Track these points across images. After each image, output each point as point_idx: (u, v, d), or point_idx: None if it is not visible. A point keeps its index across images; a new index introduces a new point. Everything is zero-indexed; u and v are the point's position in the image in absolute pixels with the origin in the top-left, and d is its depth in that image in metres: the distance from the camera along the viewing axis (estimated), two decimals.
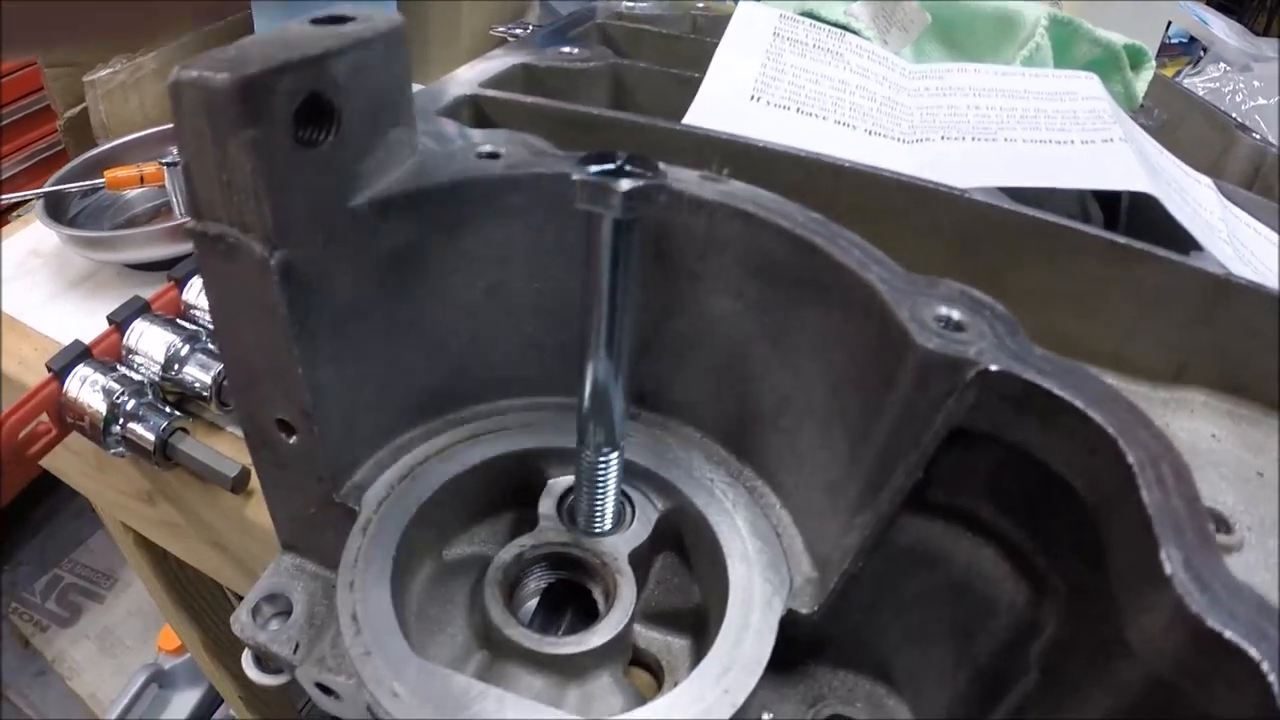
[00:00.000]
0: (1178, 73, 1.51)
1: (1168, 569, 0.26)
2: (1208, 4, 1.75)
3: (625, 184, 0.30)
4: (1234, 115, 1.22)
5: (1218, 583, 0.27)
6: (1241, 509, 0.43)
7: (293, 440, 0.41)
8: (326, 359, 0.38)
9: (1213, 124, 0.90)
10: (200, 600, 1.27)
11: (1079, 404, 0.32)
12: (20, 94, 1.95)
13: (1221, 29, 1.56)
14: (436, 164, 0.40)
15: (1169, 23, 1.52)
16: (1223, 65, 1.49)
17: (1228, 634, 0.25)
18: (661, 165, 0.33)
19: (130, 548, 1.14)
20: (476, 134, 0.43)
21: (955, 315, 0.33)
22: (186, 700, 1.87)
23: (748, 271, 0.39)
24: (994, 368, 0.31)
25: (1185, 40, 1.73)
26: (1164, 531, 0.28)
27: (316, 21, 0.37)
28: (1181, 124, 0.90)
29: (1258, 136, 0.86)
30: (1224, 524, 0.42)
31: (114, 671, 2.15)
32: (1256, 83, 1.42)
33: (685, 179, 0.40)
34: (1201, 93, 1.37)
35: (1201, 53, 1.61)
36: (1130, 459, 0.30)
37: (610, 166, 0.31)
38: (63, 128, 1.25)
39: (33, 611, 2.31)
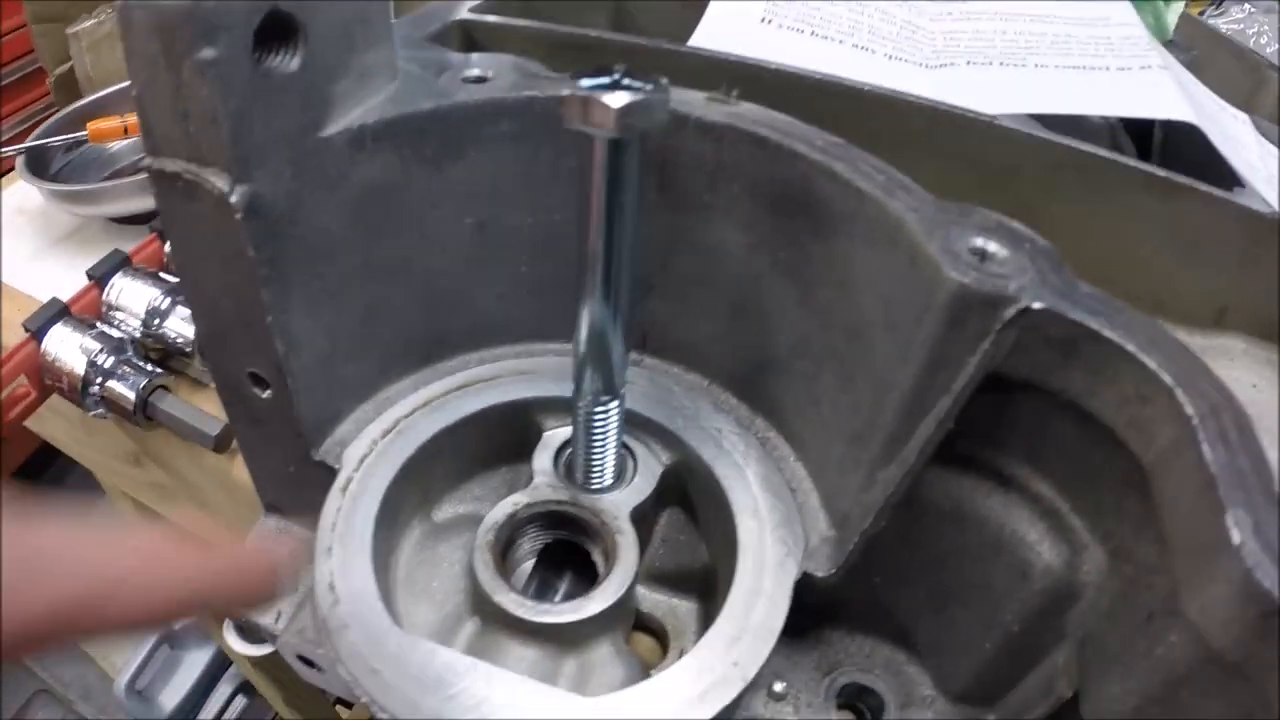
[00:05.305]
0: (1201, 12, 1.45)
1: (1235, 537, 0.23)
2: None
3: (621, 98, 0.27)
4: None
5: None
6: None
7: (266, 394, 0.38)
8: (299, 305, 0.35)
9: (1242, 64, 0.85)
10: None
11: (1131, 348, 0.28)
12: (14, 56, 1.91)
13: None
14: (418, 90, 0.36)
15: None
16: (1247, 6, 1.44)
17: None
18: (665, 80, 0.29)
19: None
20: (463, 58, 0.39)
21: (992, 247, 0.30)
22: (198, 659, 1.85)
23: (761, 201, 0.36)
24: (1037, 305, 0.28)
25: None
26: (1229, 493, 0.25)
27: None
28: (1209, 63, 0.86)
29: None
30: None
31: None
32: None
33: (691, 101, 0.36)
34: (1225, 34, 1.31)
35: None
36: (1189, 410, 0.27)
37: (605, 80, 0.28)
38: (53, 85, 1.21)
39: None
